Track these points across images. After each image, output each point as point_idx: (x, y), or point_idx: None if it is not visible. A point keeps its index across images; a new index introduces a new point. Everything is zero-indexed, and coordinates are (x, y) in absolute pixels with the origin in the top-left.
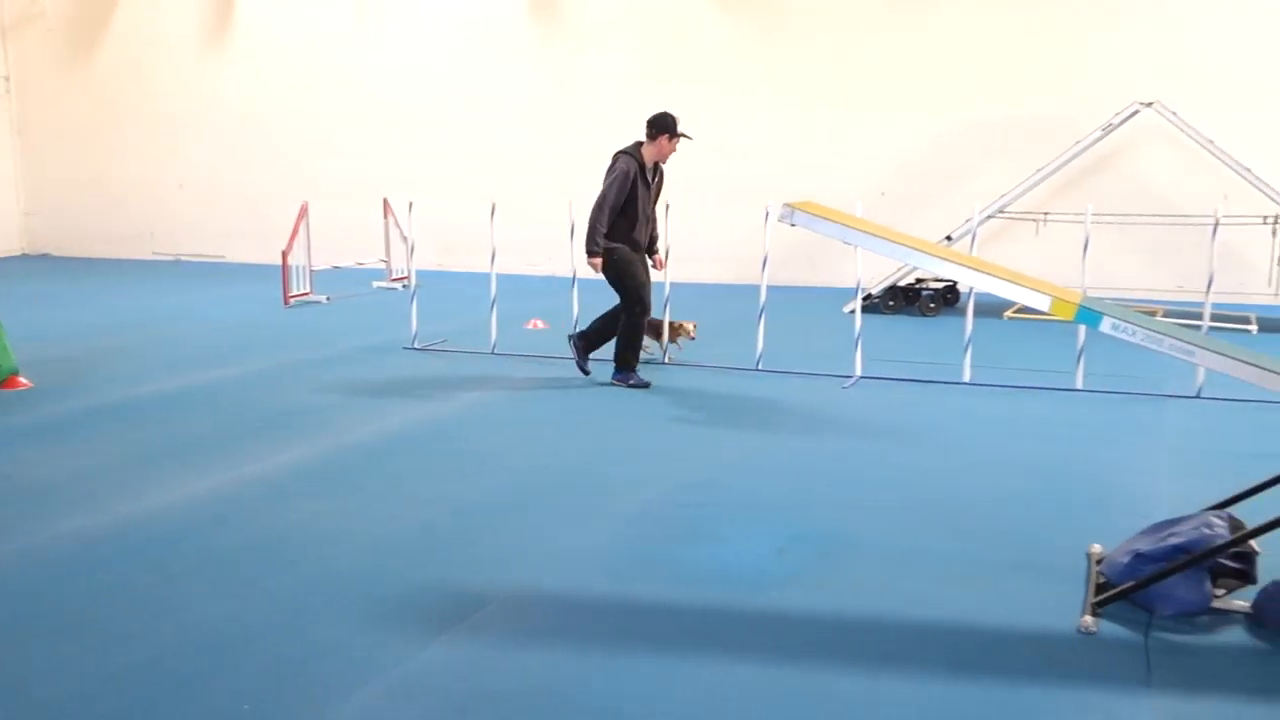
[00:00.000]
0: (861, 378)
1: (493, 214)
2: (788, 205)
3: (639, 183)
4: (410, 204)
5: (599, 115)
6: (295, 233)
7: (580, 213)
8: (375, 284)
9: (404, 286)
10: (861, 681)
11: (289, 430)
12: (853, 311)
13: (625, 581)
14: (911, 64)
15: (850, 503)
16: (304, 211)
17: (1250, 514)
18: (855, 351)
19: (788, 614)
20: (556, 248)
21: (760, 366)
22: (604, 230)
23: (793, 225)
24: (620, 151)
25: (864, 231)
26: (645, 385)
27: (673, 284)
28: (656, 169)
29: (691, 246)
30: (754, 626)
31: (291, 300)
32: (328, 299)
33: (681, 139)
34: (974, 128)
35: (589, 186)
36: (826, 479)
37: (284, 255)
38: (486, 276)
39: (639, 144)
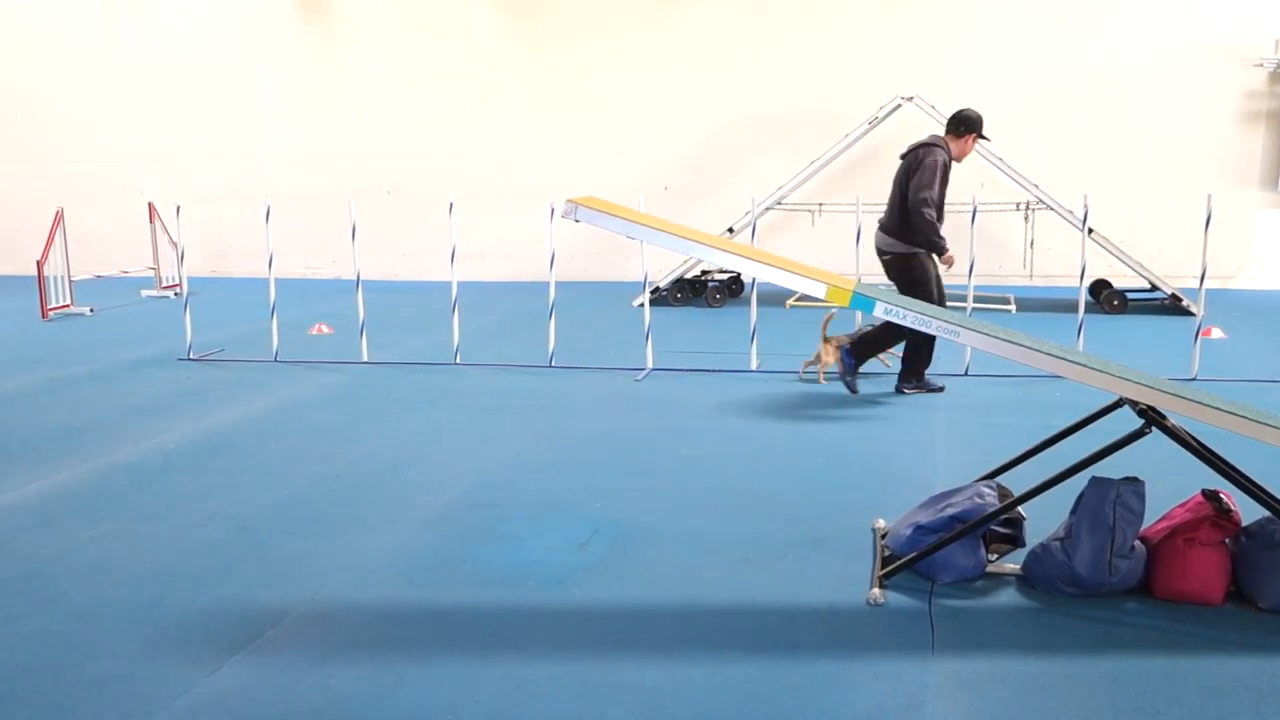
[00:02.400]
0: (653, 370)
1: (267, 216)
2: (570, 201)
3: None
4: (178, 208)
5: (372, 111)
6: (50, 241)
7: (362, 213)
8: (144, 293)
9: (175, 295)
10: (665, 669)
11: (54, 452)
12: (641, 305)
13: (425, 586)
14: (688, 59)
15: (647, 493)
16: (59, 218)
17: (1016, 482)
18: (645, 344)
19: (590, 607)
20: (339, 249)
21: (553, 363)
22: (940, 225)
23: (576, 221)
24: (927, 145)
25: (647, 226)
26: (940, 389)
27: (460, 284)
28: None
29: (477, 244)
30: (558, 622)
31: (50, 313)
32: (91, 310)
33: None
34: (750, 122)
35: (367, 184)
36: (623, 471)
37: (39, 265)
38: (265, 282)
39: (939, 137)
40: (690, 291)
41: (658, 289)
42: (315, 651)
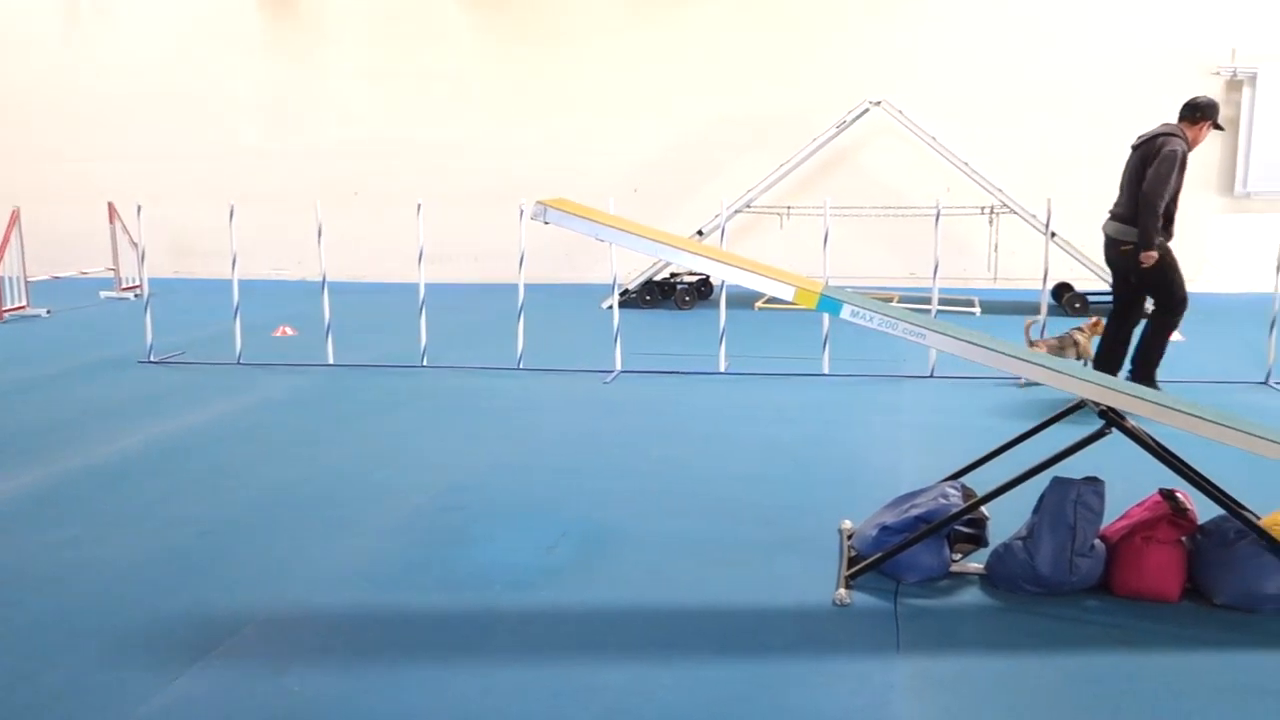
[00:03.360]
0: (622, 372)
1: (231, 216)
2: (540, 203)
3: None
4: (139, 207)
5: (341, 112)
6: (6, 241)
7: (329, 213)
8: (104, 294)
9: (136, 296)
10: (633, 671)
11: (12, 456)
12: (610, 307)
13: (391, 591)
14: (658, 63)
15: (616, 495)
16: (14, 218)
17: (980, 482)
18: (614, 346)
19: (559, 610)
20: (305, 250)
21: (521, 365)
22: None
23: (546, 223)
24: (1165, 134)
25: (616, 228)
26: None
27: (428, 285)
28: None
29: (446, 246)
30: (526, 626)
31: (5, 315)
32: (48, 312)
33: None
34: (719, 125)
35: (335, 184)
36: (592, 473)
37: None
38: (229, 283)
39: (1173, 125)
40: (659, 293)
41: (627, 291)
42: (279, 658)
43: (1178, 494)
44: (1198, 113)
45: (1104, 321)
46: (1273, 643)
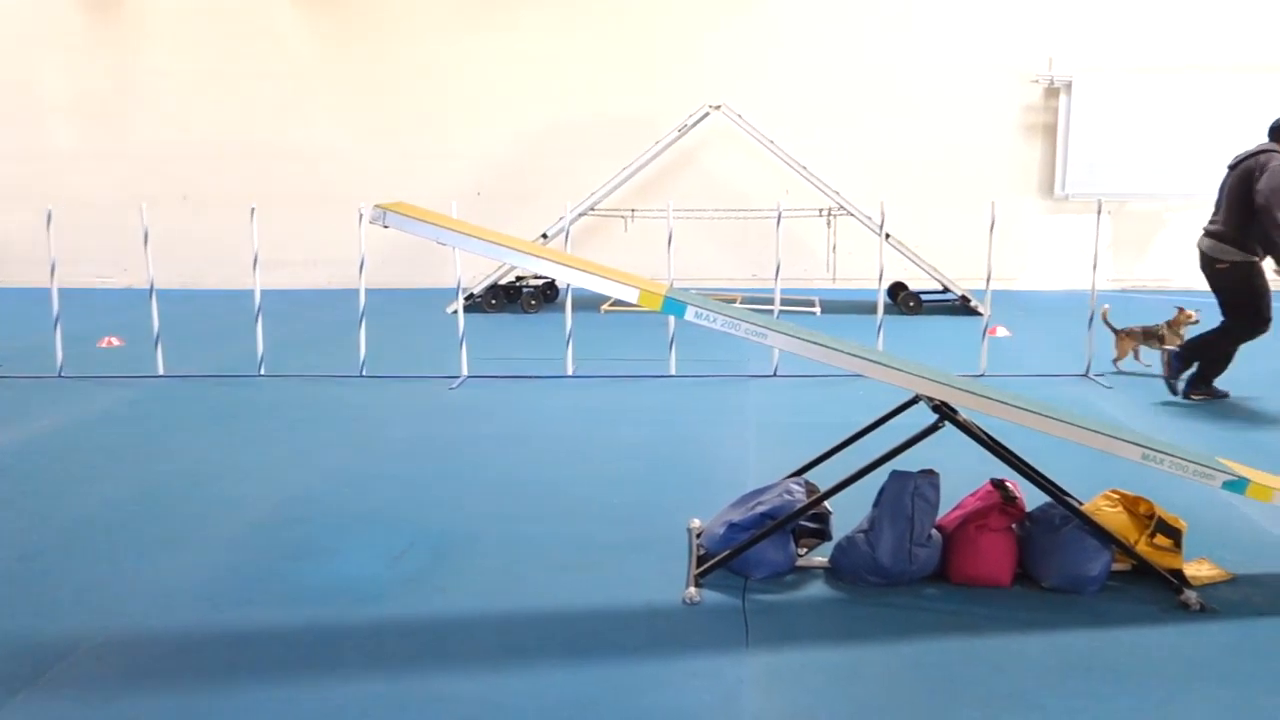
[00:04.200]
0: (468, 377)
1: (49, 222)
2: (378, 207)
3: None
4: None
5: (168, 113)
6: None
7: (159, 218)
8: None
9: None
10: (485, 680)
11: None
12: (455, 311)
13: (231, 609)
14: (501, 65)
15: (464, 502)
16: None
17: (823, 477)
18: (460, 351)
19: (408, 621)
20: (132, 257)
21: (364, 372)
22: None
23: (385, 227)
24: (1265, 151)
25: (459, 231)
26: (1225, 395)
27: (263, 291)
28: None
29: (284, 251)
30: (374, 638)
31: None
32: None
33: None
34: (563, 128)
35: (164, 188)
36: (439, 481)
37: None
38: (46, 291)
39: (1268, 144)
40: (505, 297)
41: (472, 295)
42: (111, 685)
43: (1007, 483)
44: None
45: (1191, 313)
46: (1096, 621)
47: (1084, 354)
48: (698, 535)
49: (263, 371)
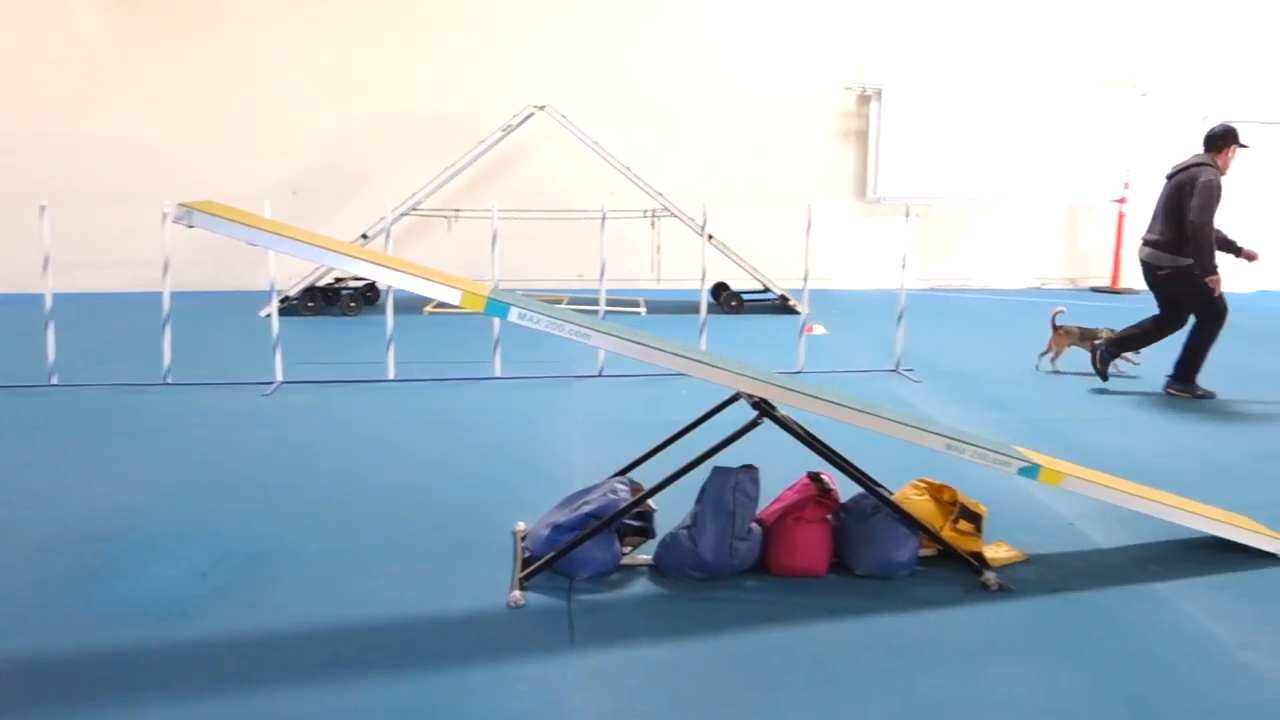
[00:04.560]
0: (283, 383)
1: None
2: (183, 205)
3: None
4: None
5: None
6: None
7: None
8: None
9: None
10: (304, 696)
11: None
12: (269, 315)
13: (22, 635)
14: (318, 60)
15: (279, 512)
16: None
17: (647, 476)
18: (274, 356)
19: (218, 639)
20: None
21: (169, 380)
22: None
23: (190, 227)
24: (1199, 165)
25: (272, 232)
26: (1212, 395)
27: (55, 295)
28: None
29: (79, 252)
30: (181, 659)
31: None
32: None
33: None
34: (384, 125)
35: None
36: (251, 491)
37: None
38: None
39: (1204, 155)
40: (323, 300)
41: (287, 298)
42: None
43: (823, 476)
44: (1219, 140)
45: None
46: (905, 605)
47: (894, 350)
48: (523, 538)
49: (55, 381)
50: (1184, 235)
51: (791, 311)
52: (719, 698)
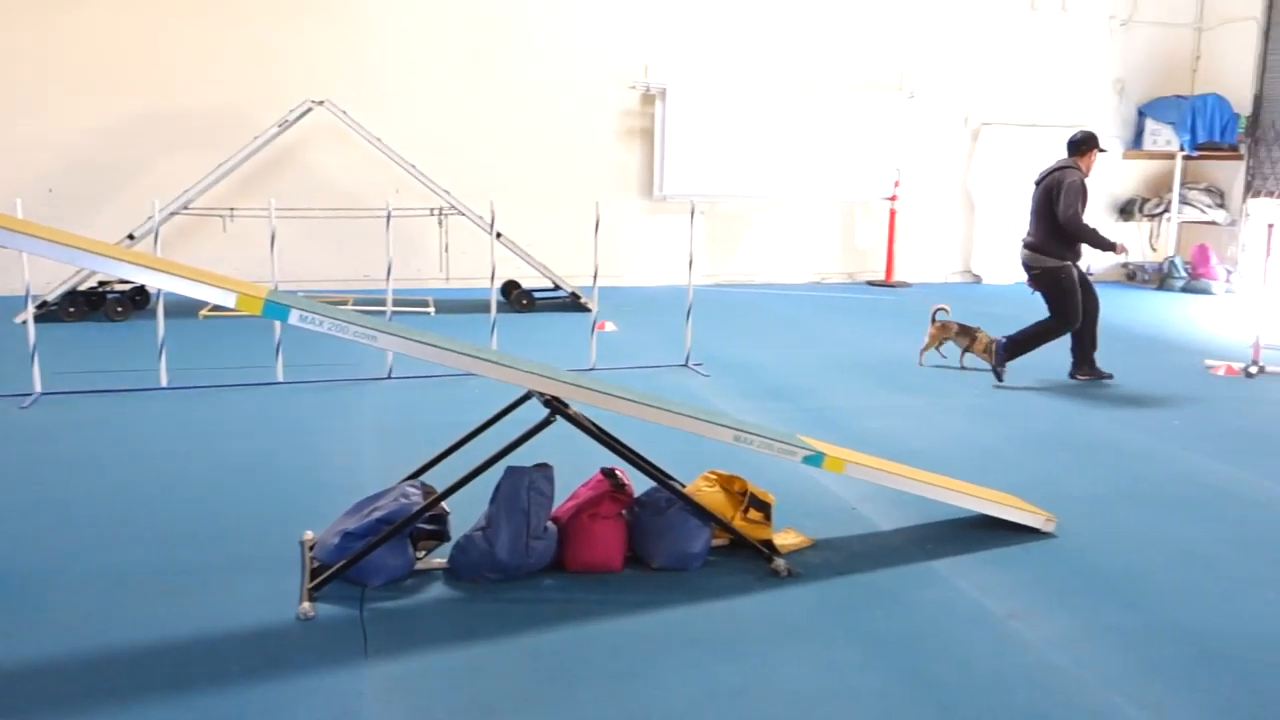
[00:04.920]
0: (42, 394)
1: None
2: None
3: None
4: None
5: None
6: None
7: None
8: None
9: None
10: None
11: None
12: (24, 322)
13: None
14: (76, 45)
15: (37, 535)
16: None
17: (440, 478)
18: (32, 365)
19: None
20: None
21: None
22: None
23: None
24: (1062, 169)
25: (23, 233)
26: (1110, 376)
27: None
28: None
29: None
30: None
31: None
32: None
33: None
34: (150, 120)
35: None
36: (10, 512)
37: None
38: None
39: (1066, 160)
40: (87, 305)
41: (46, 303)
42: None
43: (617, 471)
44: (1081, 145)
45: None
46: (700, 595)
47: (683, 345)
48: (311, 548)
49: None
50: (1055, 236)
51: (583, 309)
52: (519, 697)
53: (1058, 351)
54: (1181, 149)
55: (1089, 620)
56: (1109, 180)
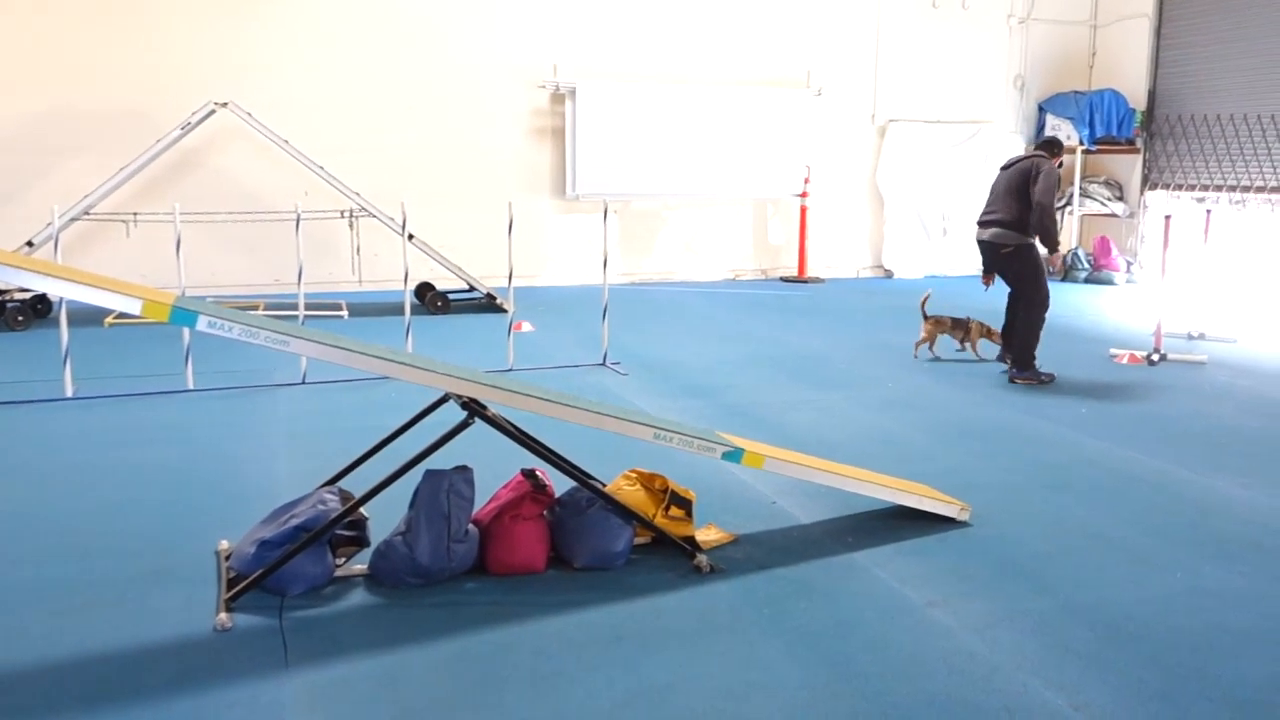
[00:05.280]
0: None
1: None
2: None
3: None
4: None
5: None
6: None
7: None
8: None
9: None
10: None
11: None
12: None
13: None
14: None
15: None
16: None
17: (358, 483)
18: None
19: None
20: None
21: None
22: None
23: None
24: (1038, 156)
25: None
26: (1051, 379)
27: None
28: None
29: None
30: None
31: None
32: None
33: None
34: (49, 121)
35: None
36: None
37: None
38: None
39: (1036, 152)
40: None
41: None
42: None
43: (537, 472)
44: (1055, 147)
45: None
46: (623, 594)
47: (600, 344)
48: (227, 558)
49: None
50: (1025, 216)
51: (498, 310)
52: (444, 702)
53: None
54: (1081, 143)
55: (1004, 605)
56: None
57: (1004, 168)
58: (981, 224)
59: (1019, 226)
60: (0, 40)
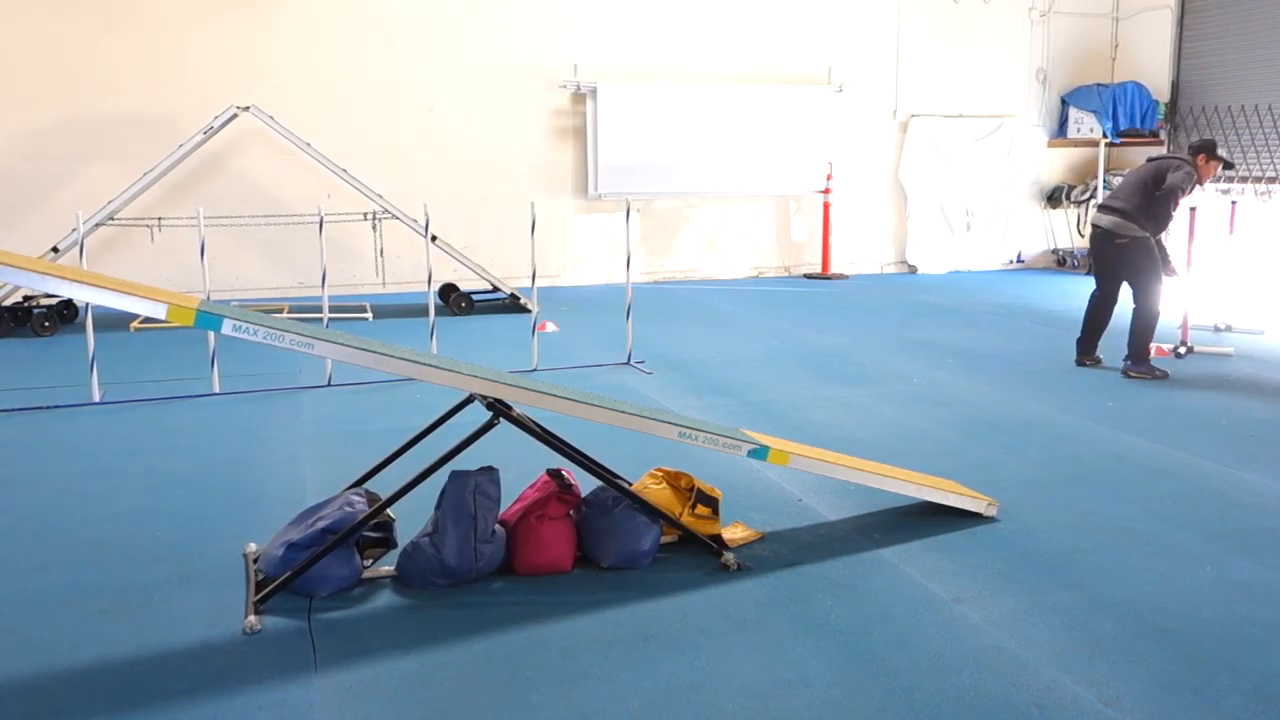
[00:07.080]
0: None
1: None
2: None
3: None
4: None
5: None
6: None
7: None
8: None
9: None
10: None
11: None
12: None
13: None
14: None
15: None
16: None
17: (384, 485)
18: None
19: None
20: None
21: None
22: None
23: None
24: (1184, 159)
25: None
26: (1165, 375)
27: None
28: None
29: None
30: None
31: None
32: None
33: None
34: (73, 129)
35: None
36: None
37: None
38: None
39: (1188, 155)
40: (11, 320)
41: None
42: None
43: (563, 472)
44: (1211, 150)
45: None
46: (650, 593)
47: (625, 343)
48: (255, 560)
49: None
50: (1145, 213)
51: (522, 310)
52: (473, 703)
53: (999, 339)
54: (1104, 136)
55: (1032, 600)
56: (1035, 169)
57: (1151, 159)
58: (1101, 208)
59: (1137, 220)
60: (22, 48)
